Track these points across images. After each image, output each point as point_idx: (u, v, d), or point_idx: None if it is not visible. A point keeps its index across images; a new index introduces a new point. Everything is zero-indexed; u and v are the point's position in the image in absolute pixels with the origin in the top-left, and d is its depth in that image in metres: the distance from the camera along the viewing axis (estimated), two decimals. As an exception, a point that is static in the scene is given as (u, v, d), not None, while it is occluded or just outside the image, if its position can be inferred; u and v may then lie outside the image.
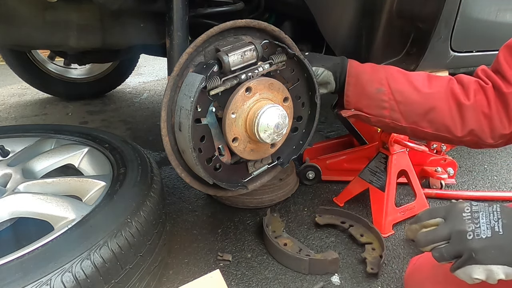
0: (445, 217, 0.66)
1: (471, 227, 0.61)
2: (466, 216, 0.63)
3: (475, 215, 0.62)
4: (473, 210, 0.63)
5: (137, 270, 0.81)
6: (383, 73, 0.99)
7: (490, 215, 0.62)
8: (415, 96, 0.95)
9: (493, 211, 0.62)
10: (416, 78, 0.97)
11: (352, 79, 1.00)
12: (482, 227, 0.61)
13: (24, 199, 0.86)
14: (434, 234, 0.65)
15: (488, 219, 0.61)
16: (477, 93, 0.90)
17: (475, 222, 0.62)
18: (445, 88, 0.94)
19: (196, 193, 1.53)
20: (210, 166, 0.91)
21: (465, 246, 0.61)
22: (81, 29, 1.12)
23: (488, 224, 0.61)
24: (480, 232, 0.60)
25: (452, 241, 0.63)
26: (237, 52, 0.82)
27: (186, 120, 0.79)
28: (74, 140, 1.19)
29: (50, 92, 2.82)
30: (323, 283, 1.07)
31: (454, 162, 1.61)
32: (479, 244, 0.60)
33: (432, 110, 0.94)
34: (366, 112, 0.99)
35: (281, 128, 0.85)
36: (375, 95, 0.97)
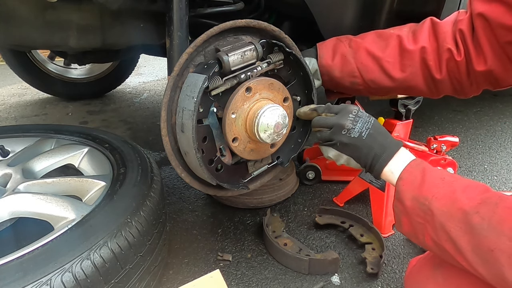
0: (337, 112, 0.83)
1: (349, 126, 0.80)
2: (351, 117, 0.80)
3: (356, 119, 0.80)
4: (358, 115, 0.81)
5: (137, 270, 0.81)
6: (353, 63, 0.99)
7: (366, 123, 0.80)
8: (389, 83, 0.99)
9: (368, 121, 0.80)
10: (387, 60, 0.97)
11: (325, 77, 1.04)
12: (355, 129, 0.80)
13: (24, 199, 0.86)
14: (324, 121, 0.84)
15: (363, 125, 0.80)
16: (449, 63, 0.92)
17: (354, 124, 0.80)
18: (417, 64, 0.94)
19: (196, 193, 1.53)
20: (212, 167, 0.91)
21: (337, 137, 0.81)
22: (81, 29, 1.12)
23: (360, 129, 0.79)
24: (352, 132, 0.80)
25: (332, 130, 0.82)
26: (237, 52, 0.82)
27: (190, 121, 0.79)
28: (74, 140, 1.19)
29: (50, 92, 2.82)
30: (323, 283, 1.07)
31: (454, 162, 1.61)
32: (346, 139, 0.80)
33: (407, 89, 1.01)
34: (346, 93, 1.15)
35: (281, 128, 0.85)
36: (350, 86, 1.04)
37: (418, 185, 0.72)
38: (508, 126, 2.40)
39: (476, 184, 0.69)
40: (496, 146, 2.09)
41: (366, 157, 0.80)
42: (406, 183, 0.74)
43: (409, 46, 0.94)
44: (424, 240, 0.72)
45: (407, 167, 0.76)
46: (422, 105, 1.38)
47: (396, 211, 0.77)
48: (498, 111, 2.67)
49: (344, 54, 1.01)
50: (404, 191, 0.74)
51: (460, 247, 0.64)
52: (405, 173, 0.75)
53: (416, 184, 0.72)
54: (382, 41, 0.99)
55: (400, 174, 0.76)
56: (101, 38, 1.18)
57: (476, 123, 2.45)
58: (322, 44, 1.05)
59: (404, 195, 0.74)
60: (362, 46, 0.99)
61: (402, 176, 0.75)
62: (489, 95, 3.09)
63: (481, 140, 2.18)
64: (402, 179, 0.75)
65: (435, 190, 0.69)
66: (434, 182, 0.71)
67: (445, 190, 0.68)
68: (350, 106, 0.83)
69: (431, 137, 1.67)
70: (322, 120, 0.85)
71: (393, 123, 1.31)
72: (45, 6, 1.02)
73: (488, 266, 0.61)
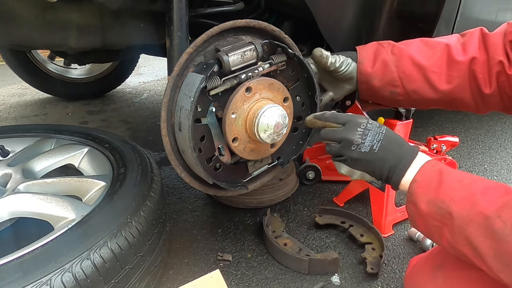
0: (345, 124, 0.78)
1: (358, 141, 0.75)
2: (359, 131, 0.75)
3: (366, 132, 0.75)
4: (367, 127, 0.75)
5: (137, 270, 0.81)
6: (395, 72, 0.93)
7: (376, 135, 0.75)
8: (433, 95, 0.92)
9: (380, 132, 0.75)
10: (433, 71, 0.90)
11: (363, 86, 0.98)
12: (365, 143, 0.74)
13: (24, 199, 0.86)
14: (333, 134, 0.79)
15: (373, 138, 0.74)
16: (499, 77, 0.86)
17: (363, 138, 0.74)
18: (465, 76, 0.88)
19: (196, 193, 1.53)
20: (210, 166, 0.91)
21: (346, 153, 0.76)
22: (81, 29, 1.12)
23: (371, 142, 0.74)
24: (362, 147, 0.75)
25: (341, 145, 0.77)
26: (237, 52, 0.82)
27: (186, 120, 0.79)
28: (74, 140, 1.19)
29: (50, 92, 2.82)
30: (323, 283, 1.07)
31: (454, 162, 1.61)
32: (356, 155, 0.75)
33: (452, 102, 0.94)
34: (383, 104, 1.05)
35: (281, 128, 0.85)
36: (389, 96, 0.97)
37: (435, 188, 0.67)
38: (508, 126, 2.40)
39: (496, 185, 0.65)
40: (496, 146, 2.09)
41: (381, 170, 0.75)
42: (421, 185, 0.69)
43: (458, 57, 0.88)
44: (440, 241, 0.69)
45: (422, 168, 0.71)
46: (422, 105, 1.37)
47: (409, 212, 0.74)
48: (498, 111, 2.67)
49: (386, 61, 0.94)
50: (419, 194, 0.69)
51: (481, 252, 0.61)
52: (420, 175, 0.70)
53: (433, 187, 0.68)
54: (428, 49, 0.92)
55: (414, 176, 0.71)
56: (101, 38, 1.18)
57: (476, 123, 2.45)
58: (363, 49, 0.98)
59: (419, 198, 0.69)
60: (406, 54, 0.93)
61: (416, 178, 0.71)
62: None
63: (481, 140, 2.18)
64: (417, 182, 0.70)
65: (453, 193, 0.65)
66: (452, 185, 0.66)
67: (464, 193, 0.64)
68: (357, 118, 0.77)
69: (431, 137, 1.67)
70: (329, 134, 0.80)
71: (393, 123, 1.31)
72: (45, 6, 1.02)
73: (510, 271, 0.58)
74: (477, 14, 1.24)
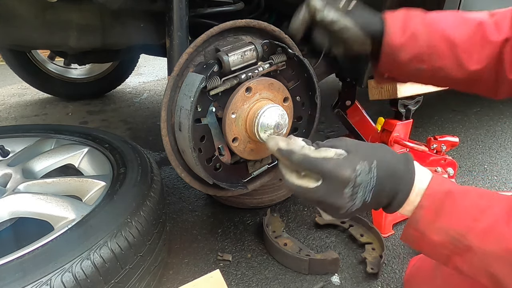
0: (325, 178, 0.60)
1: (348, 206, 0.60)
2: (348, 193, 0.59)
3: (355, 190, 0.59)
4: (357, 183, 0.59)
5: (137, 270, 0.81)
6: (424, 47, 0.80)
7: (368, 185, 0.60)
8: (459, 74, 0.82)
9: (370, 179, 0.60)
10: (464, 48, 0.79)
11: (387, 59, 0.84)
12: (356, 202, 0.60)
13: (24, 199, 0.86)
14: (310, 196, 0.62)
15: (365, 190, 0.60)
16: None
17: (353, 198, 0.60)
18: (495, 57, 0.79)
19: (196, 193, 1.53)
20: (210, 166, 0.91)
21: (334, 215, 0.63)
22: (81, 29, 1.12)
23: (362, 197, 0.60)
24: (353, 206, 0.61)
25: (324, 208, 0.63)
26: (237, 52, 0.82)
27: (186, 120, 0.79)
28: (74, 140, 1.19)
29: (50, 92, 2.82)
30: (323, 283, 1.07)
31: (454, 162, 1.61)
32: (347, 214, 0.62)
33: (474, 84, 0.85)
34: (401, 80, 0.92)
35: (281, 128, 0.85)
36: (414, 72, 0.85)
37: (447, 214, 0.58)
38: (508, 126, 2.40)
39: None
40: (496, 146, 2.09)
41: (376, 207, 0.65)
42: (428, 212, 0.59)
43: (492, 37, 0.78)
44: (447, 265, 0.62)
45: (428, 191, 0.60)
46: (422, 105, 1.38)
47: (411, 238, 0.64)
48: (498, 111, 2.67)
49: (416, 33, 0.81)
50: (427, 222, 0.60)
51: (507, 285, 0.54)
52: (427, 200, 0.60)
53: (444, 213, 0.58)
54: (462, 24, 0.81)
55: (419, 202, 0.60)
56: (101, 38, 1.18)
57: (476, 123, 2.45)
58: (392, 18, 0.84)
59: (427, 226, 0.60)
60: (438, 27, 0.81)
61: (422, 204, 0.60)
62: (489, 95, 3.09)
63: (481, 140, 2.18)
64: (423, 208, 0.60)
65: (471, 223, 0.56)
66: (468, 211, 0.57)
67: (485, 223, 0.55)
68: (342, 169, 0.59)
69: (431, 137, 1.67)
70: (305, 195, 0.63)
71: (393, 123, 1.31)
72: (45, 6, 1.02)
73: None
74: (477, 14, 1.24)
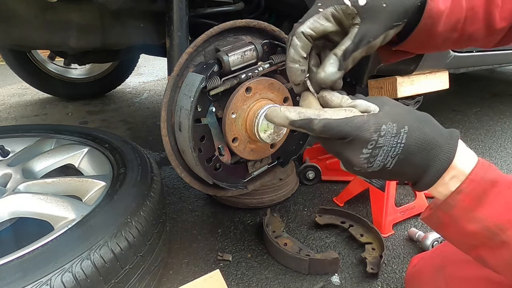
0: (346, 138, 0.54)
1: (364, 166, 0.55)
2: (366, 153, 0.54)
3: (375, 152, 0.54)
4: (378, 144, 0.53)
5: (137, 270, 0.81)
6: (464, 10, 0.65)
7: (391, 150, 0.54)
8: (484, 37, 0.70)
9: (397, 144, 0.54)
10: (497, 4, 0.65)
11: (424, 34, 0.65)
12: (375, 164, 0.55)
13: (24, 199, 0.86)
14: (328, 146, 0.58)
15: (387, 155, 0.54)
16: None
17: (371, 160, 0.54)
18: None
19: (196, 193, 1.53)
20: (210, 166, 0.91)
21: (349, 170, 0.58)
22: (81, 29, 1.12)
23: (383, 161, 0.55)
24: (370, 168, 0.55)
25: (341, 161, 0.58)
26: (237, 52, 0.82)
27: (186, 120, 0.79)
28: (74, 140, 1.19)
29: (50, 92, 2.82)
30: (323, 283, 1.07)
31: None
32: (363, 173, 0.57)
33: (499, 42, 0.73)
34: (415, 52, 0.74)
35: (281, 128, 0.85)
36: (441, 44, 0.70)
37: (488, 205, 0.53)
38: (508, 126, 2.40)
39: None
40: (496, 146, 2.09)
41: (400, 179, 0.59)
42: (467, 198, 0.54)
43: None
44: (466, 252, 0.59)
45: (471, 175, 0.54)
46: (422, 105, 1.38)
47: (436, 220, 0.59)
48: (498, 111, 2.67)
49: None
50: (464, 208, 0.55)
51: None
52: (468, 185, 0.54)
53: (485, 204, 0.53)
54: None
55: (460, 185, 0.55)
56: (101, 38, 1.18)
57: (476, 123, 2.45)
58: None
59: (463, 213, 0.55)
60: None
61: (462, 188, 0.55)
62: (489, 94, 3.10)
63: (481, 140, 2.18)
64: (463, 192, 0.54)
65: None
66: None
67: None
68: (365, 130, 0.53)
69: (431, 137, 1.67)
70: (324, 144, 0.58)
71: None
72: (45, 6, 1.02)
73: None
74: (477, 14, 1.24)
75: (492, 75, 3.82)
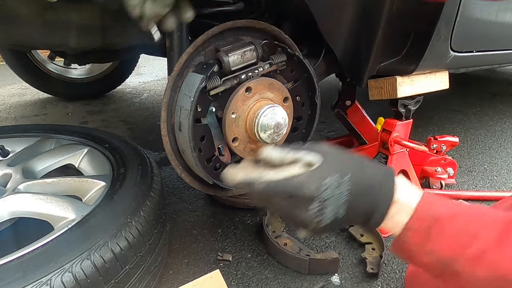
0: (290, 197, 0.56)
1: (315, 221, 0.56)
2: (314, 209, 0.55)
3: (323, 206, 0.55)
4: (323, 199, 0.55)
5: (137, 270, 0.81)
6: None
7: (338, 200, 0.56)
8: None
9: (341, 194, 0.56)
10: None
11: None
12: (326, 216, 0.56)
13: (24, 199, 0.86)
14: (274, 208, 0.60)
15: (335, 206, 0.56)
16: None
17: (321, 213, 0.56)
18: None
19: (196, 193, 1.53)
20: (210, 166, 0.91)
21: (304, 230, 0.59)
22: (81, 29, 1.12)
23: (333, 211, 0.56)
24: (324, 220, 0.56)
25: (292, 223, 0.60)
26: (237, 52, 0.82)
27: (186, 120, 0.79)
28: (74, 140, 1.19)
29: (50, 92, 2.82)
30: (323, 283, 1.07)
31: (454, 162, 1.61)
32: (319, 229, 0.58)
33: None
34: None
35: (281, 128, 0.85)
36: None
37: (435, 240, 0.55)
38: (508, 126, 2.40)
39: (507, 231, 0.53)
40: (496, 146, 2.09)
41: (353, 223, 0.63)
42: (416, 234, 0.56)
43: None
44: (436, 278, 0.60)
45: (416, 213, 0.57)
46: (422, 105, 1.38)
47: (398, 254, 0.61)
48: (498, 111, 2.67)
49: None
50: (415, 244, 0.57)
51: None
52: (415, 222, 0.57)
53: (432, 239, 0.56)
54: None
55: (407, 223, 0.57)
56: (101, 38, 1.18)
57: (476, 123, 2.45)
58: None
59: (415, 248, 0.57)
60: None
61: (410, 226, 0.57)
62: (489, 95, 3.10)
63: (481, 140, 2.18)
64: (411, 230, 0.57)
65: (460, 250, 0.54)
66: (457, 237, 0.55)
67: (474, 250, 0.53)
68: (308, 186, 0.55)
69: (431, 137, 1.67)
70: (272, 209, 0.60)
71: (393, 123, 1.31)
72: (45, 6, 1.02)
73: None
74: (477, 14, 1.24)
75: (492, 75, 3.82)
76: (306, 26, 1.23)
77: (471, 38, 1.28)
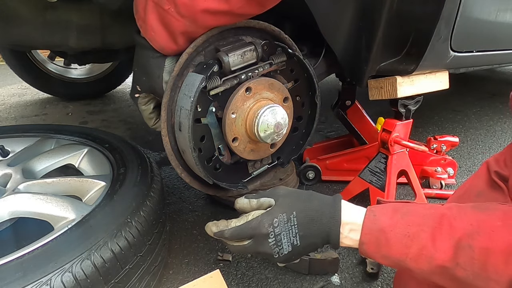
0: (251, 238, 0.73)
1: (276, 250, 0.71)
2: (271, 242, 0.71)
3: (278, 238, 0.71)
4: (276, 233, 0.70)
5: (137, 270, 0.81)
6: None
7: (290, 232, 0.71)
8: None
9: (291, 227, 0.71)
10: None
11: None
12: (284, 246, 0.71)
13: (24, 199, 0.86)
14: (245, 250, 0.75)
15: (289, 237, 0.71)
16: None
17: (279, 245, 0.71)
18: None
19: (196, 193, 1.53)
20: (210, 166, 0.91)
21: (273, 261, 0.74)
22: (81, 29, 1.12)
23: (289, 241, 0.71)
24: (284, 250, 0.71)
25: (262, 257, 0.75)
26: (237, 52, 0.82)
27: (186, 120, 0.79)
28: (74, 140, 1.19)
29: (50, 92, 2.82)
30: (323, 283, 1.07)
31: (454, 162, 1.61)
32: (283, 258, 0.72)
33: None
34: None
35: (281, 128, 0.85)
36: None
37: (385, 246, 0.66)
38: (508, 126, 2.40)
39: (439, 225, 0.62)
40: (496, 146, 2.09)
41: (314, 248, 0.73)
42: (370, 246, 0.68)
43: None
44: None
45: (364, 230, 0.68)
46: (422, 105, 1.38)
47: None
48: (498, 111, 2.67)
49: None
50: (372, 253, 0.68)
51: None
52: (365, 237, 0.68)
53: (382, 245, 0.66)
54: None
55: (360, 238, 0.68)
56: (101, 38, 1.18)
57: (476, 123, 2.45)
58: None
59: (373, 256, 0.68)
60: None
61: (363, 241, 0.68)
62: (489, 95, 3.10)
63: (481, 140, 2.18)
64: (365, 244, 0.68)
65: (406, 251, 0.64)
66: (400, 241, 0.64)
67: (416, 249, 0.63)
68: (261, 226, 0.71)
69: (431, 137, 1.67)
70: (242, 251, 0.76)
71: (393, 123, 1.31)
72: (45, 6, 1.02)
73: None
74: (477, 14, 1.24)
75: (492, 75, 3.82)
76: (306, 26, 1.23)
77: (471, 38, 1.28)
